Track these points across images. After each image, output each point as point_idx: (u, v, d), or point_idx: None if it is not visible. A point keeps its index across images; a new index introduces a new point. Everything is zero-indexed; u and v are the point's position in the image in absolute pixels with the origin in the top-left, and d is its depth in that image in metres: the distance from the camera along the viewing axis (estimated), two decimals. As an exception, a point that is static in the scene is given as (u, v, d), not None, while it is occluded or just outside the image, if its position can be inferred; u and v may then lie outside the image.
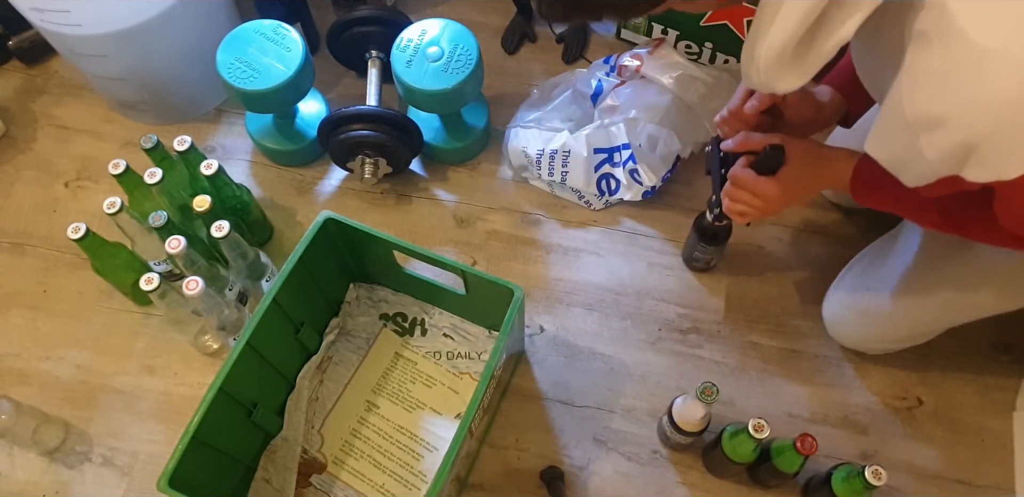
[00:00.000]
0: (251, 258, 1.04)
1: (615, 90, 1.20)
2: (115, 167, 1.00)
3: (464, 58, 1.11)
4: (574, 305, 1.15)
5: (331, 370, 1.10)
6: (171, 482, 0.80)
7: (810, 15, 0.61)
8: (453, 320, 1.13)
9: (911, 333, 1.01)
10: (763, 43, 0.65)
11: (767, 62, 0.66)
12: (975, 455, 1.04)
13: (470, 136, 1.24)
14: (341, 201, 1.25)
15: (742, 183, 0.87)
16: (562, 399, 1.09)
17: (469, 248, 1.20)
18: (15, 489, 1.04)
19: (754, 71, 0.68)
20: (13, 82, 1.38)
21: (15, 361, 1.13)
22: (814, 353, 1.11)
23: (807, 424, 1.06)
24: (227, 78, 1.11)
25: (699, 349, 1.12)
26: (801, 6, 0.60)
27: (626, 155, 1.16)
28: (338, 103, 1.30)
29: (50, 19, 1.11)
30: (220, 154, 1.30)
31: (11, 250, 1.22)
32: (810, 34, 0.63)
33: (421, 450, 1.05)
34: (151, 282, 0.91)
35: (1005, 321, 0.97)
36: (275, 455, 1.03)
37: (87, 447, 1.07)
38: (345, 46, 1.27)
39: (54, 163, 1.29)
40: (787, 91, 0.70)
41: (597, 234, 1.21)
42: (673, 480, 1.03)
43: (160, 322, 1.15)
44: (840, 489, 0.91)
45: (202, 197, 0.99)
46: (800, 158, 0.85)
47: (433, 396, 1.08)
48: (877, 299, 0.99)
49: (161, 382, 1.11)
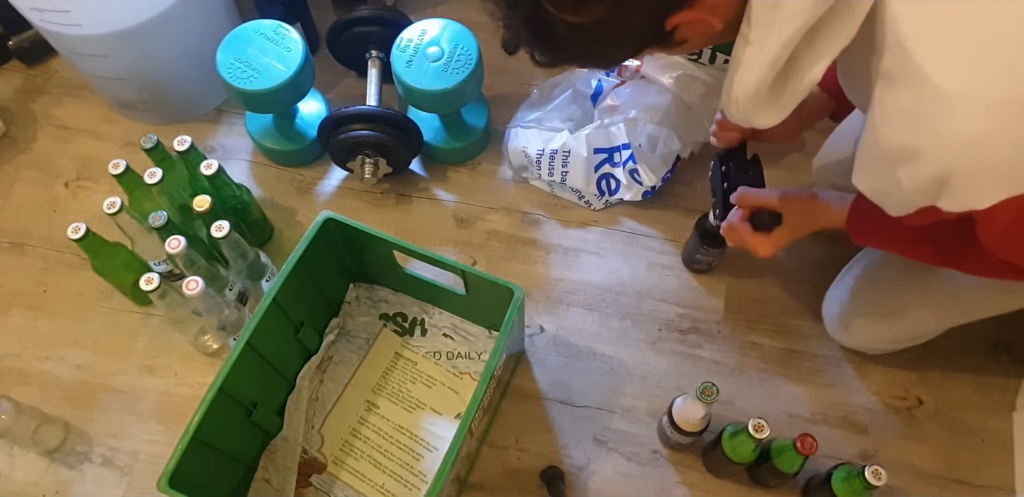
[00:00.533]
0: (251, 258, 1.04)
1: (615, 90, 1.20)
2: (115, 167, 1.00)
3: (464, 58, 1.11)
4: (574, 305, 1.15)
5: (331, 370, 1.10)
6: (171, 482, 0.80)
7: (779, 61, 0.64)
8: (453, 320, 1.13)
9: (911, 333, 1.01)
10: (738, 84, 0.68)
11: (744, 101, 0.70)
12: (975, 455, 1.04)
13: (470, 136, 1.24)
14: (341, 201, 1.25)
15: (738, 235, 0.92)
16: (562, 399, 1.09)
17: (469, 248, 1.20)
18: (15, 489, 1.04)
19: (734, 109, 0.72)
20: (13, 82, 1.38)
21: (15, 361, 1.13)
22: (814, 353, 1.11)
23: (807, 424, 1.06)
24: (227, 78, 1.11)
25: (699, 349, 1.12)
26: (769, 53, 0.64)
27: (626, 155, 1.16)
28: (338, 103, 1.30)
29: (50, 19, 1.11)
30: (220, 154, 1.30)
31: (11, 250, 1.22)
32: (783, 75, 0.66)
33: (421, 450, 1.05)
34: (151, 282, 0.91)
35: (1005, 321, 0.97)
36: (275, 455, 1.03)
37: (87, 447, 1.07)
38: (345, 46, 1.27)
39: (54, 163, 1.29)
40: (767, 126, 0.73)
41: (597, 234, 1.21)
42: (673, 480, 1.03)
43: (160, 322, 1.15)
44: (840, 489, 0.91)
45: (202, 197, 0.99)
46: (795, 217, 0.89)
47: (433, 396, 1.08)
48: (877, 300, 0.99)
49: (161, 382, 1.11)
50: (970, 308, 0.93)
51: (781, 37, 0.62)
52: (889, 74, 0.60)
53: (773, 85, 0.67)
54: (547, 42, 0.68)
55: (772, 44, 0.63)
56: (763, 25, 0.63)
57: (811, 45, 0.63)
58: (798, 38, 0.62)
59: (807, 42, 0.63)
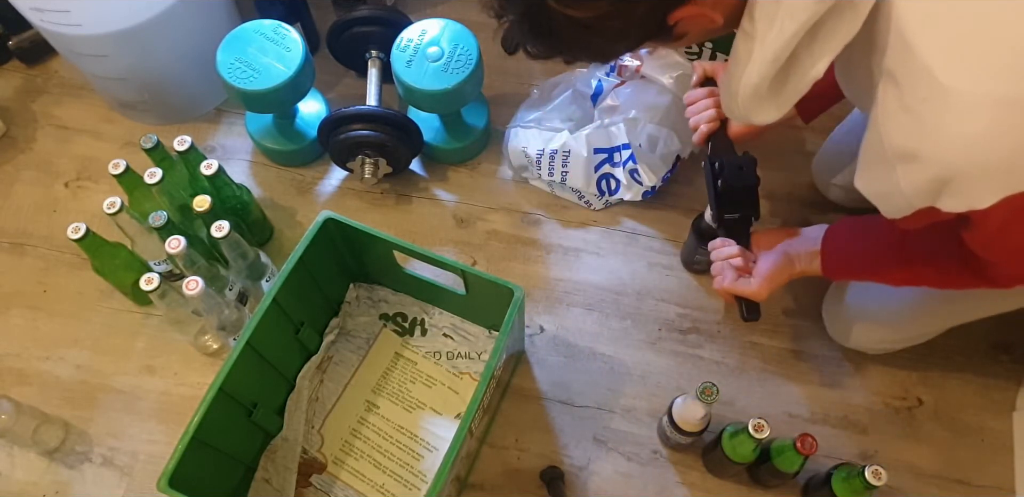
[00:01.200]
0: (251, 258, 1.04)
1: (615, 90, 1.20)
2: (115, 167, 1.00)
3: (464, 58, 1.11)
4: (574, 305, 1.15)
5: (331, 370, 1.10)
6: (171, 482, 0.80)
7: (780, 57, 0.65)
8: (453, 320, 1.13)
9: (910, 333, 1.01)
10: (739, 81, 0.69)
11: (744, 97, 0.70)
12: (975, 455, 1.04)
13: (470, 136, 1.24)
14: (341, 201, 1.25)
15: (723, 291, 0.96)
16: (562, 399, 1.09)
17: (469, 248, 1.20)
18: (15, 489, 1.04)
19: (734, 105, 0.72)
20: (13, 82, 1.38)
21: (15, 361, 1.13)
22: (814, 353, 1.11)
23: (807, 424, 1.06)
24: (227, 78, 1.11)
25: (699, 349, 1.12)
26: (771, 49, 0.64)
27: (626, 155, 1.16)
28: (338, 103, 1.30)
29: (50, 19, 1.11)
30: (220, 154, 1.30)
31: (11, 250, 1.22)
32: (784, 73, 0.67)
33: (421, 450, 1.05)
34: (151, 282, 0.91)
35: (1005, 321, 0.97)
36: (275, 455, 1.03)
37: (87, 447, 1.07)
38: (345, 46, 1.27)
39: (54, 163, 1.29)
40: (765, 123, 0.74)
41: (597, 234, 1.21)
42: (673, 480, 1.03)
43: (160, 322, 1.15)
44: (840, 489, 0.91)
45: (202, 197, 0.99)
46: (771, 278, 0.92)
47: (433, 396, 1.08)
48: (875, 299, 0.99)
49: (161, 382, 1.11)
50: (966, 307, 0.93)
51: (784, 34, 0.62)
52: (892, 72, 0.60)
53: (774, 82, 0.67)
54: (544, 35, 0.68)
55: (774, 40, 0.63)
56: (765, 21, 0.63)
57: (812, 42, 0.63)
58: (800, 34, 0.62)
59: (808, 39, 0.63)
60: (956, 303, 0.92)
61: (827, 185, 1.16)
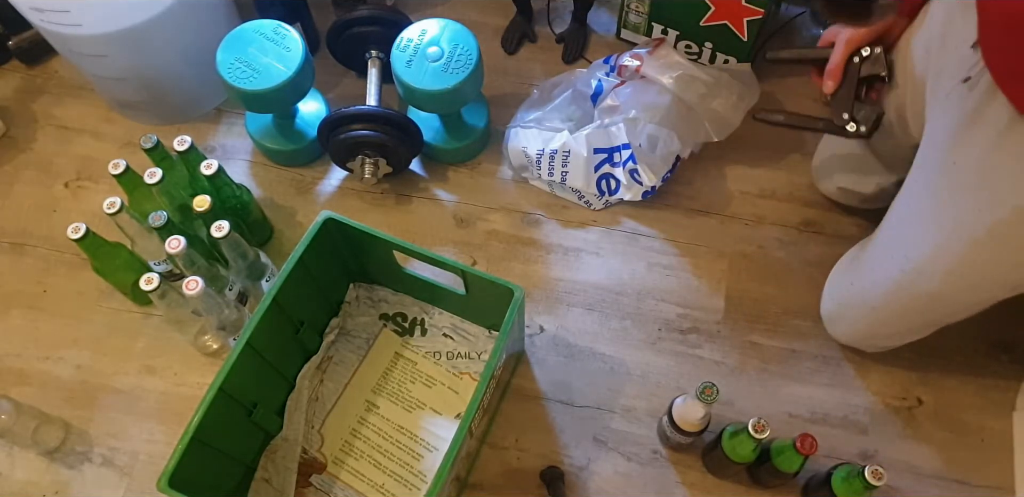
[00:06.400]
0: (251, 258, 1.05)
1: (615, 90, 1.19)
2: (115, 167, 1.00)
3: (464, 58, 1.11)
4: (574, 305, 1.15)
5: (331, 370, 1.10)
6: (171, 482, 0.80)
7: None
8: (453, 320, 1.13)
9: (899, 328, 1.00)
10: None
11: None
12: (975, 455, 1.04)
13: (470, 136, 1.24)
14: (341, 201, 1.25)
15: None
16: (562, 399, 1.09)
17: (469, 248, 1.20)
18: (15, 489, 1.04)
19: None
20: (13, 82, 1.38)
21: (15, 361, 1.13)
22: (814, 353, 1.11)
23: (807, 424, 1.06)
24: (227, 78, 1.11)
25: (699, 349, 1.12)
26: None
27: (626, 155, 1.16)
28: (338, 103, 1.30)
29: (50, 19, 1.11)
30: (220, 154, 1.30)
31: (11, 250, 1.22)
32: None
33: (421, 450, 1.05)
34: (151, 282, 0.91)
35: (1005, 321, 0.97)
36: (275, 455, 1.03)
37: (87, 447, 1.07)
38: (345, 46, 1.27)
39: (54, 163, 1.29)
40: None
41: (597, 234, 1.21)
42: (673, 480, 1.03)
43: (160, 322, 1.15)
44: (840, 489, 0.91)
45: (202, 197, 0.99)
46: None
47: (433, 396, 1.08)
48: (861, 292, 0.98)
49: (161, 382, 1.11)
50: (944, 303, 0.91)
51: None
52: None
53: None
54: None
55: None
56: None
57: None
58: None
59: None
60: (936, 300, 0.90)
61: (827, 185, 1.16)
